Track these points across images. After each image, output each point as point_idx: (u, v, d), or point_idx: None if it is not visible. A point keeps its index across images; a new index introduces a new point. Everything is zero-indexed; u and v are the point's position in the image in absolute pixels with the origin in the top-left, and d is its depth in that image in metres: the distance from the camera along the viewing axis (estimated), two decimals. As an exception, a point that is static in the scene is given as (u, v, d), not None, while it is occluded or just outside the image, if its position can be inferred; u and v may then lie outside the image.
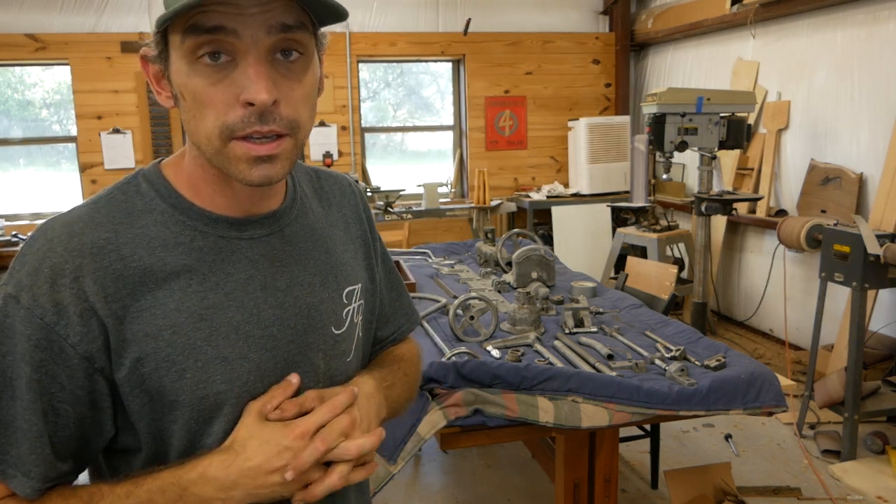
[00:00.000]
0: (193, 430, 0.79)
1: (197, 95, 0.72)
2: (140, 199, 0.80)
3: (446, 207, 5.59)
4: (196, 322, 0.77)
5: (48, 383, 0.73)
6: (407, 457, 1.68)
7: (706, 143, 3.99)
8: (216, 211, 0.82)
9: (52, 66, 5.36)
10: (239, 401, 0.80)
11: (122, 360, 0.75)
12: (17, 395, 0.73)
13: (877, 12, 3.76)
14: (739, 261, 4.88)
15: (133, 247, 0.76)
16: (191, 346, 0.77)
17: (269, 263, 0.84)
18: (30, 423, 0.73)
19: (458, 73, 6.10)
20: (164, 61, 0.75)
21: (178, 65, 0.73)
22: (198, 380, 0.78)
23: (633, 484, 2.96)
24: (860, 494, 2.79)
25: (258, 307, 0.82)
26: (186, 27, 0.70)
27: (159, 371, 0.76)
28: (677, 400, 1.81)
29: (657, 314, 2.53)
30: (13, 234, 4.94)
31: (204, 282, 0.79)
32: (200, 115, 0.73)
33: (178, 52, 0.72)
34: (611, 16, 6.13)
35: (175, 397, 0.77)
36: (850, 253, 3.03)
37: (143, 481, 0.75)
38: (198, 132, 0.74)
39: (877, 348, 3.61)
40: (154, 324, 0.76)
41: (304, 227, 0.90)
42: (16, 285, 0.73)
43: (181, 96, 0.74)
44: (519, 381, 1.77)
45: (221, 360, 0.79)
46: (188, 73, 0.72)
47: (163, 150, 5.35)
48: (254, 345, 0.81)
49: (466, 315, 2.27)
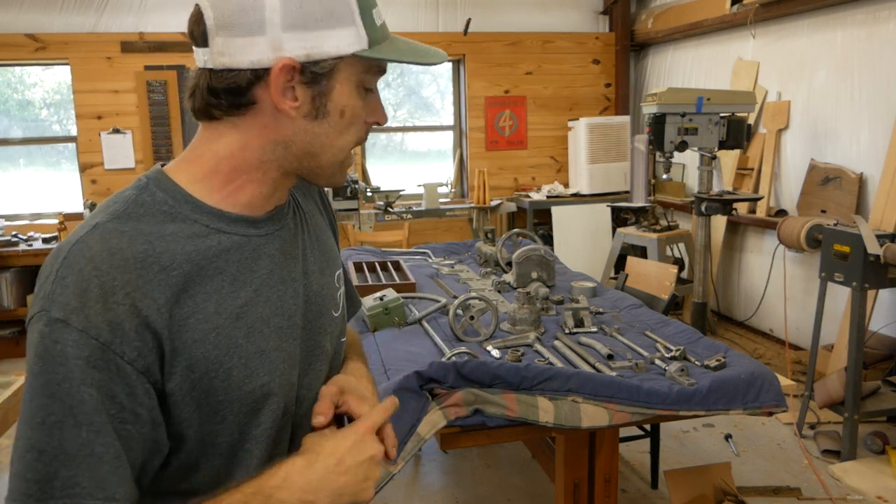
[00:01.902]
0: (242, 424, 0.83)
1: (355, 115, 0.84)
2: (158, 207, 0.80)
3: (446, 207, 5.59)
4: (234, 321, 0.81)
5: (109, 404, 0.72)
6: (407, 457, 1.68)
7: (706, 143, 3.99)
8: (244, 211, 0.85)
9: (52, 66, 5.36)
10: (281, 389, 0.85)
11: (173, 370, 0.76)
12: (81, 421, 0.70)
13: (877, 12, 3.76)
14: (739, 261, 4.88)
15: (170, 256, 0.77)
16: (233, 346, 0.80)
17: (283, 257, 0.89)
18: (105, 446, 0.71)
19: (458, 73, 6.10)
20: (325, 79, 0.80)
21: (346, 87, 0.82)
22: (243, 376, 0.81)
23: (633, 484, 2.96)
24: (860, 494, 2.79)
25: (281, 299, 0.87)
26: (373, 64, 0.84)
27: (209, 374, 0.78)
28: (677, 400, 1.81)
29: (657, 314, 2.53)
30: (13, 234, 4.94)
31: (234, 282, 0.82)
32: (347, 130, 0.85)
33: (351, 78, 0.82)
34: (611, 16, 6.13)
35: (224, 396, 0.80)
36: (850, 253, 3.03)
37: (223, 499, 0.76)
38: (335, 143, 0.84)
39: (877, 348, 3.61)
40: (199, 329, 0.78)
41: (300, 219, 0.95)
42: (62, 309, 0.71)
43: (337, 113, 0.82)
44: (519, 381, 1.77)
45: (260, 354, 0.83)
46: (356, 97, 0.84)
47: (163, 150, 5.35)
48: (284, 335, 0.86)
49: (466, 315, 2.27)
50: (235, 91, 0.79)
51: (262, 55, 0.77)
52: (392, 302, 2.41)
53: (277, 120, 0.81)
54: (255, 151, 0.83)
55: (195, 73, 0.82)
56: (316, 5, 0.77)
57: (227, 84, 0.79)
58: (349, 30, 0.79)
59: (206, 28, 0.78)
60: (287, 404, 0.87)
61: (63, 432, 0.70)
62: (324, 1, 0.77)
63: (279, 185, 0.87)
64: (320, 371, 0.94)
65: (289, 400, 0.88)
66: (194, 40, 0.80)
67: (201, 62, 0.80)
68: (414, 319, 2.45)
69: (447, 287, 2.92)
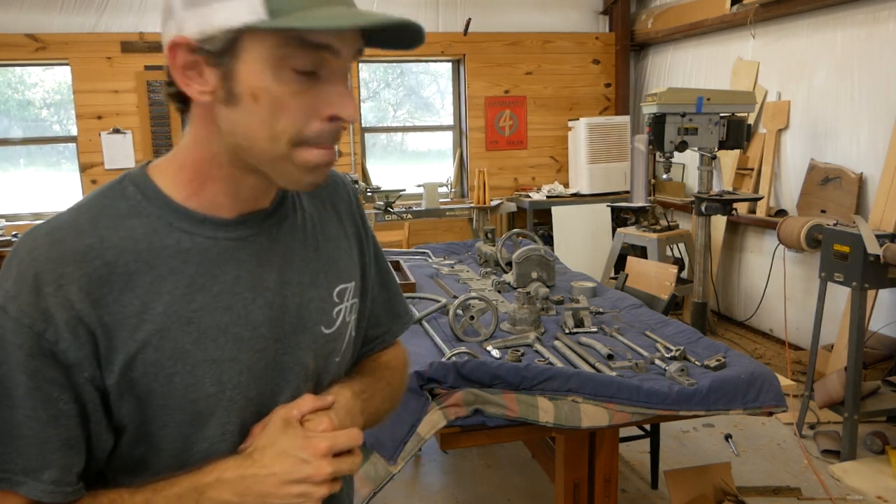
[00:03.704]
0: (186, 434, 0.79)
1: (276, 101, 0.73)
2: (125, 202, 0.79)
3: (446, 207, 5.59)
4: (184, 325, 0.77)
5: (48, 388, 0.73)
6: (407, 457, 1.68)
7: (706, 143, 3.99)
8: (211, 211, 0.81)
9: (52, 66, 5.37)
10: (232, 403, 0.81)
11: (111, 367, 0.75)
12: (15, 403, 0.72)
13: (877, 12, 3.76)
14: (739, 261, 4.88)
15: (118, 251, 0.75)
16: (179, 351, 0.77)
17: (256, 263, 0.83)
18: (33, 430, 0.73)
19: (458, 73, 6.10)
20: (227, 58, 0.72)
21: (257, 67, 0.72)
22: (187, 384, 0.77)
23: (633, 484, 2.96)
24: (860, 494, 2.79)
25: (246, 308, 0.81)
26: (290, 38, 0.71)
27: (148, 376, 0.76)
28: (677, 400, 1.81)
29: (657, 314, 2.53)
30: (13, 234, 4.95)
31: (191, 284, 0.78)
32: (272, 118, 0.74)
33: (262, 56, 0.72)
34: (611, 16, 6.13)
35: (164, 401, 0.77)
36: (850, 253, 3.03)
37: (162, 487, 0.76)
38: (258, 134, 0.74)
39: (877, 348, 3.61)
40: (142, 329, 0.75)
41: (293, 225, 0.89)
42: (3, 296, 0.73)
43: (252, 97, 0.73)
44: (519, 381, 1.77)
45: (210, 363, 0.78)
46: (271, 79, 0.72)
47: (163, 149, 5.31)
48: (243, 346, 0.81)
49: (466, 315, 2.27)
50: (170, 82, 0.77)
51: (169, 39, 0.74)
52: (392, 302, 2.41)
53: (207, 110, 0.76)
54: (202, 144, 0.79)
55: None
56: None
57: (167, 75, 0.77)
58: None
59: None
60: (245, 420, 0.82)
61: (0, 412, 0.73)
62: None
63: (242, 183, 0.81)
64: (301, 390, 0.87)
65: (247, 415, 0.82)
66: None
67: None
68: (414, 319, 2.45)
69: (447, 287, 2.92)
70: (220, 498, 0.76)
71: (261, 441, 0.80)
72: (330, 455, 0.78)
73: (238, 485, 0.76)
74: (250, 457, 0.78)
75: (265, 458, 0.77)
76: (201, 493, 0.76)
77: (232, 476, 0.77)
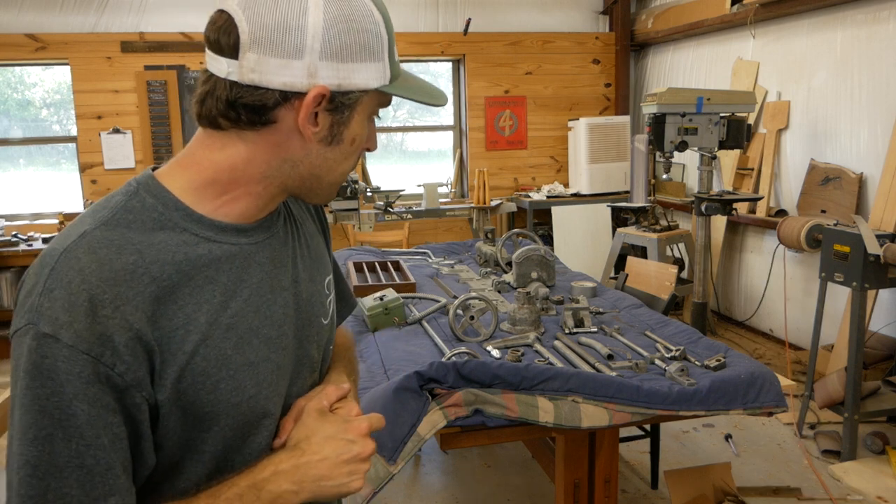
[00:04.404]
0: (227, 437, 0.82)
1: (361, 143, 0.87)
2: (148, 214, 0.78)
3: (446, 207, 5.58)
4: (224, 332, 0.80)
5: (105, 414, 0.72)
6: (407, 457, 1.68)
7: (706, 143, 3.99)
8: (227, 220, 0.83)
9: (52, 66, 5.37)
10: (268, 402, 0.85)
11: (164, 382, 0.76)
12: (72, 434, 0.71)
13: (877, 12, 3.76)
14: (739, 261, 4.88)
15: (160, 266, 0.76)
16: (222, 357, 0.79)
17: (273, 265, 0.87)
18: (96, 458, 0.72)
19: (458, 72, 6.10)
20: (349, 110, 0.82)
21: (361, 118, 0.84)
22: (231, 388, 0.80)
23: (633, 484, 2.96)
24: (860, 494, 2.79)
25: (270, 309, 0.86)
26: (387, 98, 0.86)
27: (195, 386, 0.77)
28: (677, 400, 1.81)
29: (657, 314, 2.53)
30: (13, 234, 4.95)
31: (225, 291, 0.81)
32: (352, 156, 0.87)
33: (367, 110, 0.84)
34: (611, 16, 6.13)
35: (211, 408, 0.79)
36: (850, 253, 3.03)
37: (220, 491, 0.78)
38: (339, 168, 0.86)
39: (877, 348, 3.61)
40: (189, 340, 0.77)
41: (291, 226, 0.95)
42: (51, 324, 0.70)
43: (349, 141, 0.84)
44: (519, 381, 1.77)
45: (249, 366, 0.82)
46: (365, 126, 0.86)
47: (163, 149, 5.35)
48: (272, 346, 0.85)
49: (466, 315, 2.27)
50: (259, 109, 0.78)
51: (295, 79, 0.76)
52: (392, 302, 2.41)
53: (290, 140, 0.81)
54: (259, 166, 0.81)
55: (207, 79, 0.79)
56: (355, 39, 0.77)
57: (253, 101, 0.77)
58: (378, 65, 0.81)
59: (238, 40, 0.75)
60: (277, 416, 0.88)
61: (54, 446, 0.70)
62: (362, 35, 0.78)
63: (275, 198, 0.86)
64: (307, 380, 0.94)
65: (279, 411, 0.88)
66: (218, 49, 0.77)
67: (223, 73, 0.77)
68: (414, 319, 2.45)
69: (447, 287, 2.92)
70: (280, 489, 0.79)
71: (301, 433, 0.85)
72: (369, 434, 0.86)
73: (294, 474, 0.80)
74: (298, 447, 0.83)
75: (313, 445, 0.82)
76: (260, 488, 0.79)
77: (287, 467, 0.80)
